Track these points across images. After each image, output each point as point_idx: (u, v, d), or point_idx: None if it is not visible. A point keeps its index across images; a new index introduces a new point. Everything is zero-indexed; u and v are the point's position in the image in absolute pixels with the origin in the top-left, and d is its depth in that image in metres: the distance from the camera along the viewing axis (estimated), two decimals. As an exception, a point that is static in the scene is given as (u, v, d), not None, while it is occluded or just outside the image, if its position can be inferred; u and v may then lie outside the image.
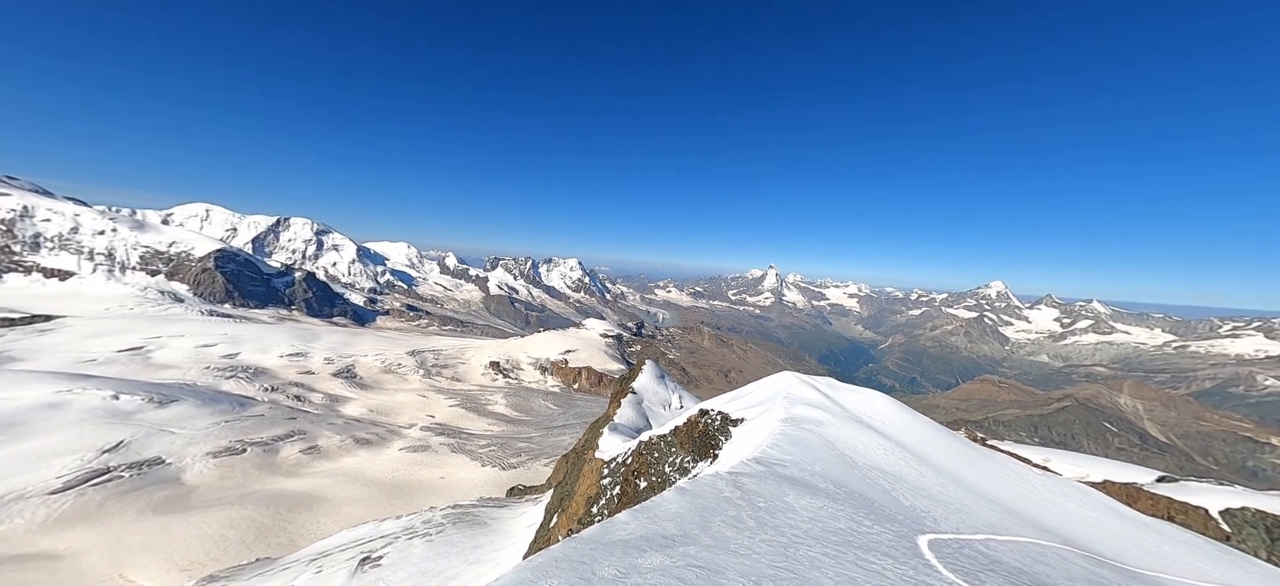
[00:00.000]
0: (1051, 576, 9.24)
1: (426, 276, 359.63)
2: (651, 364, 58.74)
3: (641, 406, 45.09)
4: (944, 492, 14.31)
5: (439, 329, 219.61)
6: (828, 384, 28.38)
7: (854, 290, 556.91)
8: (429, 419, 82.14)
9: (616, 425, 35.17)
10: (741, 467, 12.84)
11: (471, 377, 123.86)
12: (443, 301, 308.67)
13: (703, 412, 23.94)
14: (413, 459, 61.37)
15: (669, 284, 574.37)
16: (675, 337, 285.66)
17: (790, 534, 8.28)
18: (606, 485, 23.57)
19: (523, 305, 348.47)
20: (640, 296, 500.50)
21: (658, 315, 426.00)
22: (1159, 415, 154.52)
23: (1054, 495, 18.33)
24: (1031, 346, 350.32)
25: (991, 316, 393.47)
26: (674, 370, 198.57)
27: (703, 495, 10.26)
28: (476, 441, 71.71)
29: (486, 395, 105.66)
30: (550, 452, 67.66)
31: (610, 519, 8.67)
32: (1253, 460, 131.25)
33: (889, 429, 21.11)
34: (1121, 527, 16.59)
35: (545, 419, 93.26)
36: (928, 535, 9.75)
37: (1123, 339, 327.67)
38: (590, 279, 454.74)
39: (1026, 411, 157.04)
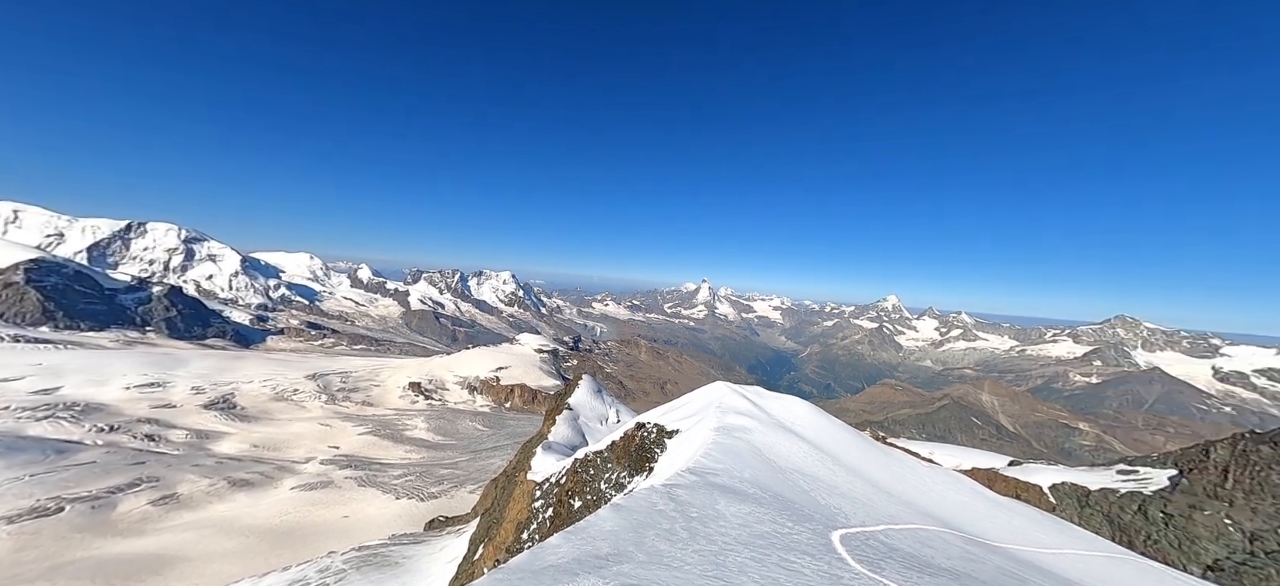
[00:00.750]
0: (934, 557, 10.56)
1: (333, 291, 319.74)
2: (588, 378, 57.76)
3: (578, 422, 43.95)
4: (853, 489, 15.81)
5: (349, 348, 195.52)
6: (755, 392, 30.16)
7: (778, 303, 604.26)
8: (332, 451, 72.03)
9: (551, 443, 33.82)
10: (676, 479, 13.01)
11: (387, 401, 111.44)
12: (354, 318, 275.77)
13: (639, 426, 23.98)
14: (309, 498, 53.17)
15: (606, 297, 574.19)
16: (613, 351, 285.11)
17: (721, 541, 8.52)
18: (539, 507, 22.42)
19: (450, 320, 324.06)
20: (577, 310, 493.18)
21: (595, 329, 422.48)
22: (1008, 409, 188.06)
23: (937, 484, 21.17)
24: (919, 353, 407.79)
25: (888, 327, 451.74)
26: (611, 384, 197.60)
27: (637, 510, 10.18)
28: (390, 472, 64.27)
29: (405, 420, 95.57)
30: (478, 478, 62.86)
31: (541, 544, 8.21)
32: (1068, 442, 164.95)
33: (808, 433, 22.94)
34: (985, 508, 19.65)
35: (473, 441, 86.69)
36: (840, 530, 10.65)
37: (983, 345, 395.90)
38: (524, 292, 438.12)
39: (916, 411, 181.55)
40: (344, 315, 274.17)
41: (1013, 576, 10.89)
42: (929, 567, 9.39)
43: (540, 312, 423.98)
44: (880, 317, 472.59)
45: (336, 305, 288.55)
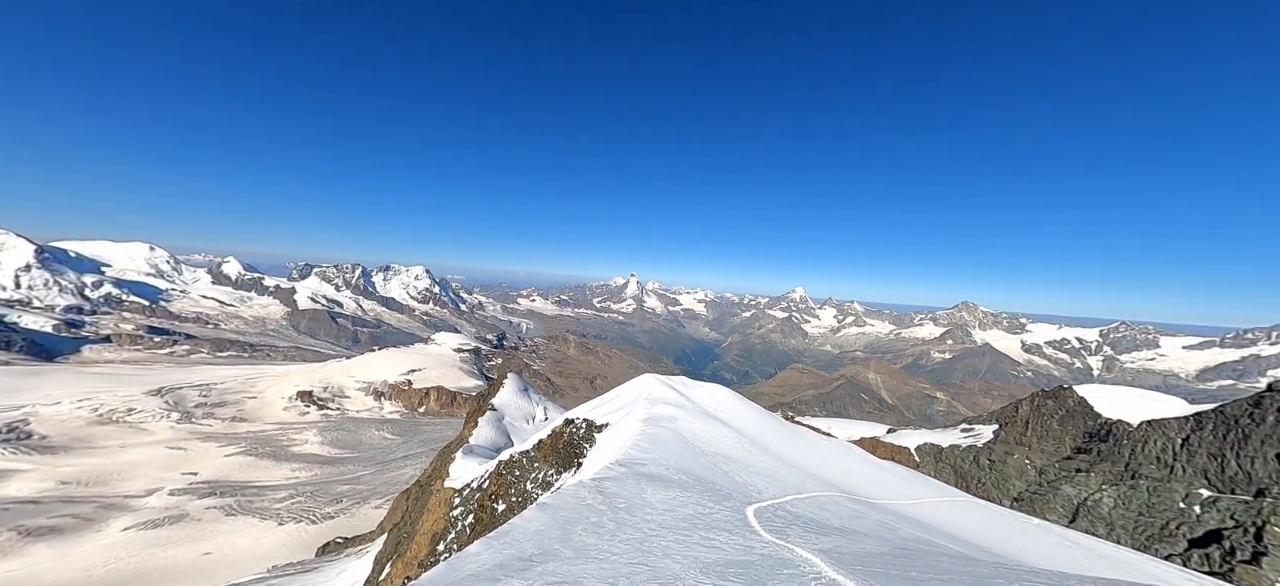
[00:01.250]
0: (829, 519, 12.12)
1: (186, 288, 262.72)
2: (514, 377, 55.40)
3: (503, 423, 41.96)
4: (766, 467, 17.44)
5: (212, 356, 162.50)
6: (682, 382, 31.59)
7: (702, 296, 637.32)
8: (188, 478, 59.49)
9: (472, 447, 31.85)
10: (604, 472, 13.14)
11: (267, 415, 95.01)
12: (218, 320, 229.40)
13: (568, 422, 23.68)
14: (152, 538, 43.47)
15: (532, 293, 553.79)
16: (540, 348, 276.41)
17: (647, 528, 8.82)
18: (458, 516, 21.02)
19: (350, 321, 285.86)
20: (501, 306, 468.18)
21: (521, 325, 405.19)
22: (888, 384, 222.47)
23: (832, 454, 24.27)
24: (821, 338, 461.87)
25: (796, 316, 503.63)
26: (539, 381, 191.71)
27: (565, 507, 10.09)
28: (272, 495, 55.12)
29: (290, 435, 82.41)
30: (386, 491, 56.81)
31: (459, 553, 7.73)
32: (929, 409, 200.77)
33: (729, 418, 24.71)
34: (869, 471, 23.05)
35: (379, 452, 77.96)
36: (753, 505, 11.69)
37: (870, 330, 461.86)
38: (441, 288, 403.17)
39: (818, 391, 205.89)
40: (203, 317, 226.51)
41: (886, 527, 12.94)
42: (824, 529, 10.74)
43: (459, 310, 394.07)
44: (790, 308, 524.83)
45: (192, 306, 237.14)
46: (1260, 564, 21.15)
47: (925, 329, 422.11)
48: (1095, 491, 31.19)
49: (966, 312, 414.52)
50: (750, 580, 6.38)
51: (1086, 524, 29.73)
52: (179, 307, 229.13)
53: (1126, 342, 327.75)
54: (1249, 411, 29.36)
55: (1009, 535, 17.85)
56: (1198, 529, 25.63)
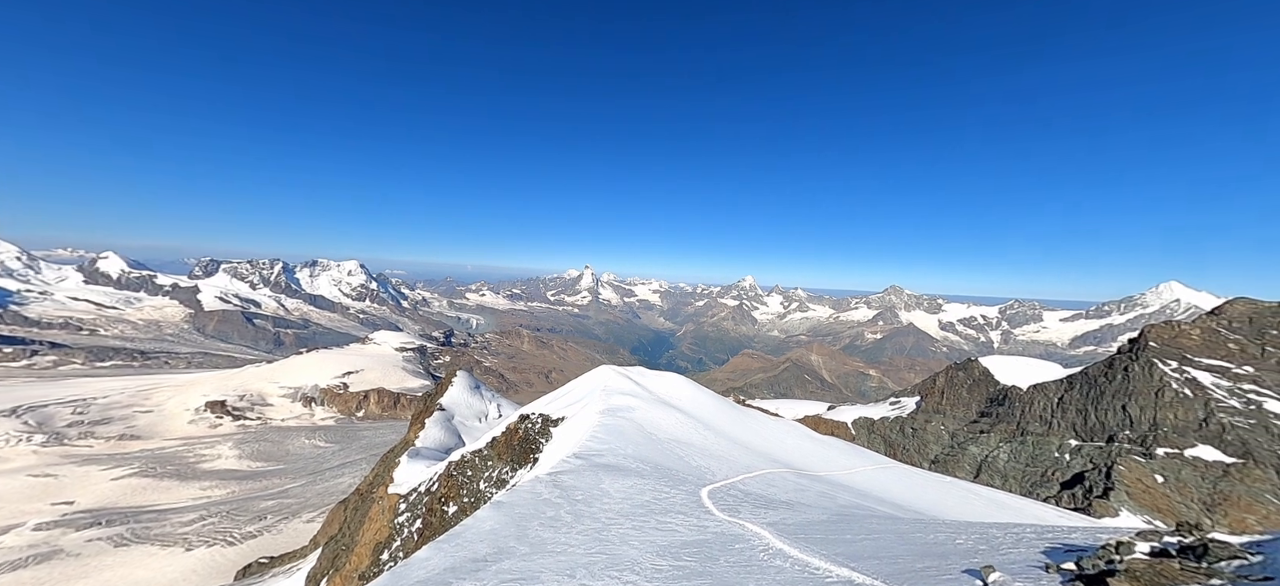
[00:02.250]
0: (776, 494, 12.94)
1: (48, 288, 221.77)
2: (464, 374, 52.96)
3: (452, 423, 40.05)
4: (719, 449, 18.19)
5: (88, 366, 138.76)
6: (639, 373, 31.93)
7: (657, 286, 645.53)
8: (60, 510, 50.76)
9: (419, 450, 30.13)
10: (561, 466, 13.01)
11: (168, 429, 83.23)
12: (95, 325, 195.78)
13: (523, 418, 23.10)
14: (12, 582, 36.79)
15: (482, 287, 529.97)
16: (492, 343, 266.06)
17: (604, 518, 8.88)
18: (403, 522, 19.87)
19: (270, 321, 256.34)
20: (448, 302, 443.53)
21: (471, 321, 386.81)
22: (828, 365, 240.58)
23: (779, 434, 25.84)
24: (769, 324, 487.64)
25: (747, 304, 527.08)
26: (491, 378, 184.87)
27: (520, 503, 9.88)
28: (176, 519, 48.65)
29: (197, 451, 72.93)
30: (319, 503, 52.29)
31: (405, 561, 7.33)
32: (863, 386, 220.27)
33: (684, 405, 25.40)
34: (812, 447, 24.85)
35: (310, 463, 71.38)
36: (708, 486, 12.17)
37: (813, 314, 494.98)
38: (379, 285, 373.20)
39: (767, 374, 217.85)
40: (74, 322, 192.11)
41: (827, 496, 14.06)
42: (773, 503, 11.44)
43: (401, 307, 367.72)
44: (740, 296, 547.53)
45: (56, 309, 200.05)
46: (1109, 497, 25.69)
47: (860, 312, 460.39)
48: (994, 449, 36.09)
49: (894, 296, 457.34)
50: (704, 558, 6.66)
51: (987, 477, 34.37)
52: (38, 312, 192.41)
53: (1019, 318, 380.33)
54: (1104, 372, 35.36)
55: (926, 493, 20.15)
56: (1067, 473, 30.57)
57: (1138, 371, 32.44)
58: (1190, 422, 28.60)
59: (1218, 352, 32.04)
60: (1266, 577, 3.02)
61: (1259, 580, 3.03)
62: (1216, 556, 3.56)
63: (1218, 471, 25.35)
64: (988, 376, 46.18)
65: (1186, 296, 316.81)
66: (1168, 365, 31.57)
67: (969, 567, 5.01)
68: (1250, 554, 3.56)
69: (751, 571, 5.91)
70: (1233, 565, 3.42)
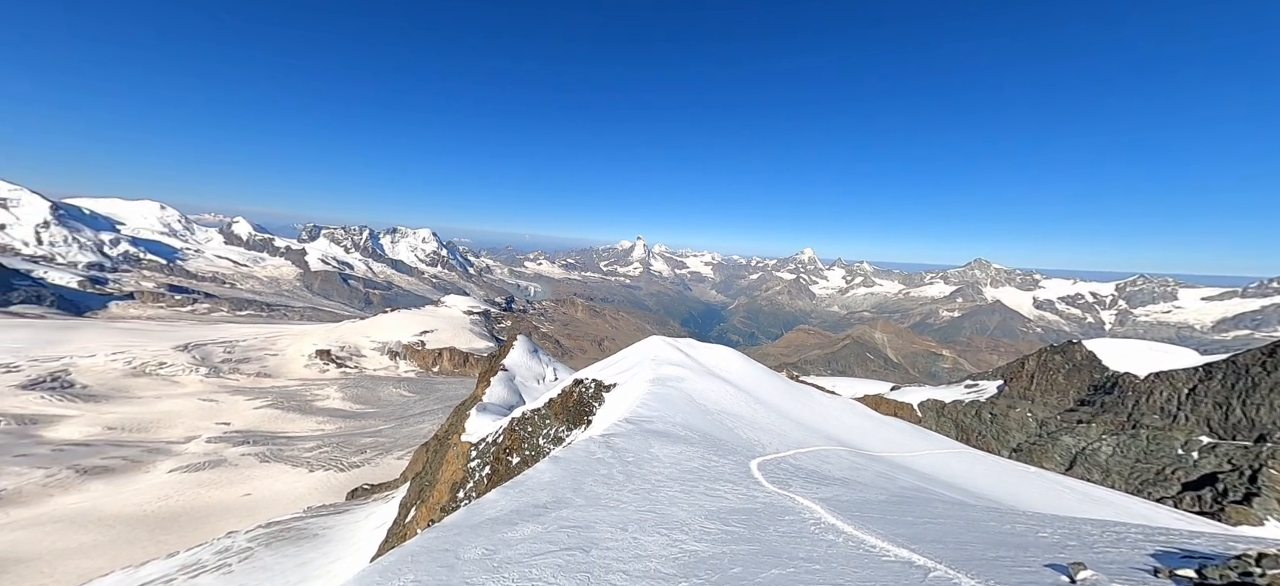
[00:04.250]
0: (830, 471, 12.57)
1: (201, 247, 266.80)
2: (523, 339, 56.58)
3: (514, 383, 43.37)
4: (770, 423, 17.94)
5: (231, 315, 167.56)
6: (688, 344, 32.03)
7: (709, 258, 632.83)
8: (222, 428, 63.22)
9: (485, 405, 33.15)
10: (613, 429, 13.64)
11: (289, 371, 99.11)
12: (234, 280, 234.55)
13: (577, 382, 24.36)
14: (195, 479, 46.94)
15: (539, 256, 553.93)
16: (548, 310, 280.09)
17: (654, 480, 9.26)
18: (475, 467, 22.25)
19: (361, 282, 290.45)
20: (509, 270, 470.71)
21: (529, 288, 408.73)
22: (894, 343, 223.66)
23: (835, 411, 24.83)
24: (829, 299, 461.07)
25: (805, 278, 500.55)
26: (548, 343, 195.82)
27: (576, 460, 10.59)
28: (300, 445, 58.60)
29: (312, 390, 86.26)
30: (405, 444, 60.02)
31: (478, 501, 8.25)
32: (934, 367, 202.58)
33: (734, 377, 25.19)
34: (871, 426, 23.63)
35: (398, 408, 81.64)
36: (757, 458, 12.14)
37: (879, 290, 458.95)
38: (449, 252, 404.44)
39: (824, 351, 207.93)
40: (219, 276, 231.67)
41: (885, 477, 13.41)
42: (826, 479, 11.16)
43: (467, 273, 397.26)
44: (797, 269, 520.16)
45: (207, 265, 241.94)
46: (1251, 503, 21.78)
47: (935, 287, 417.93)
48: (1095, 440, 31.83)
49: (979, 270, 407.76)
50: (752, 525, 6.74)
51: (1082, 471, 30.59)
52: (195, 267, 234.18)
53: (1142, 296, 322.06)
54: (1262, 360, 29.10)
55: (1002, 482, 18.46)
56: (1193, 473, 26.25)
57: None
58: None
59: None
60: None
61: None
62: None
63: None
64: (1093, 360, 40.21)
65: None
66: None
67: (1053, 562, 4.56)
68: None
69: (801, 542, 5.88)
70: None
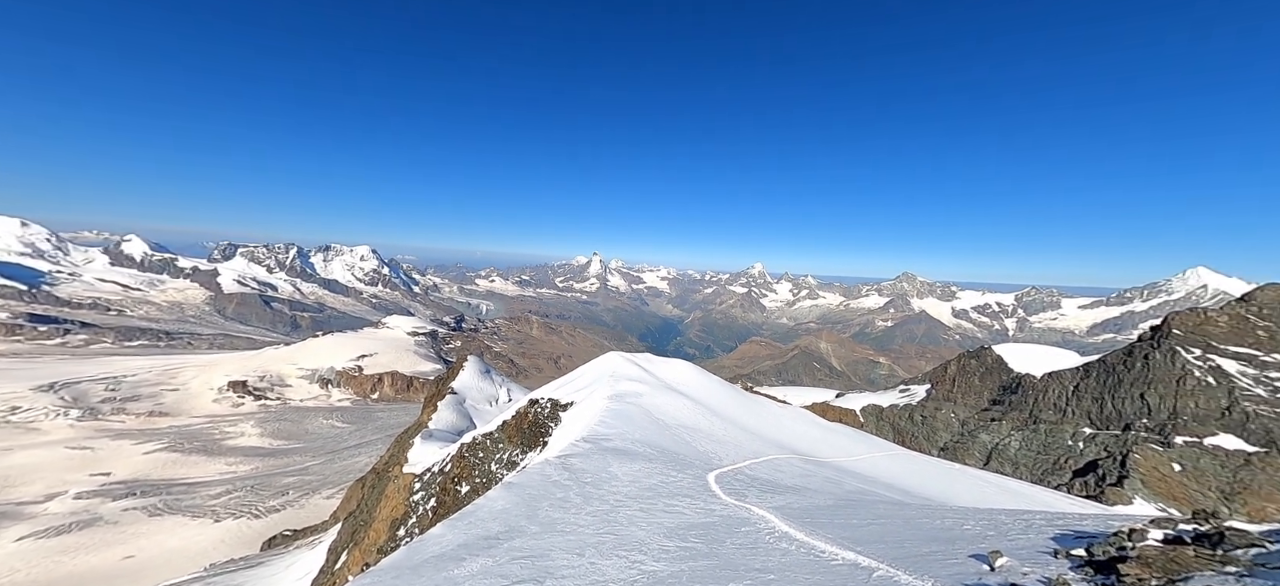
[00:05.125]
0: (783, 479, 13.03)
1: (77, 270, 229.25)
2: (475, 359, 53.87)
3: (464, 406, 40.93)
4: (726, 435, 18.32)
5: (117, 345, 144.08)
6: (646, 359, 32.10)
7: (665, 273, 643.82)
8: (99, 480, 53.45)
9: (432, 432, 30.92)
10: (570, 449, 13.25)
11: (193, 407, 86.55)
12: (123, 305, 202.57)
13: (533, 403, 23.49)
14: (57, 545, 39.17)
15: (491, 273, 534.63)
16: (501, 329, 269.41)
17: (613, 500, 9.06)
18: (418, 501, 20.54)
19: (287, 305, 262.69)
20: (458, 288, 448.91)
21: (480, 307, 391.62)
22: (837, 352, 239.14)
23: (786, 420, 25.91)
24: (778, 311, 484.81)
25: (755, 291, 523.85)
26: (501, 363, 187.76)
27: (531, 485, 10.12)
28: (204, 492, 50.96)
29: (222, 428, 75.82)
30: (337, 481, 54.25)
31: (421, 537, 7.60)
32: (873, 373, 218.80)
33: (691, 391, 25.55)
34: (819, 433, 24.89)
35: (328, 442, 73.83)
36: (714, 471, 12.31)
37: (823, 301, 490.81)
38: (391, 270, 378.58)
39: (775, 361, 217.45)
40: (102, 303, 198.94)
41: (832, 482, 14.12)
42: (779, 488, 11.53)
43: (412, 292, 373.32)
44: (749, 283, 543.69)
45: (85, 290, 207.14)
46: (1123, 485, 25.38)
47: (871, 299, 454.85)
48: (1005, 436, 35.74)
49: (907, 283, 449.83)
50: (710, 540, 6.78)
51: (997, 465, 34.13)
52: (68, 292, 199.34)
53: (1035, 305, 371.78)
54: (1122, 360, 34.57)
55: (934, 480, 20.12)
56: (1080, 461, 30.21)
57: (1159, 359, 31.67)
58: (1212, 411, 27.95)
59: (1245, 340, 31.07)
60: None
61: (1277, 568, 2.99)
62: (1233, 544, 3.51)
63: (1238, 460, 24.83)
64: (1001, 364, 45.50)
65: (1215, 282, 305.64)
66: (1191, 353, 30.75)
67: (976, 552, 5.02)
68: (1269, 542, 3.50)
69: (757, 553, 6.00)
70: (1250, 553, 3.37)
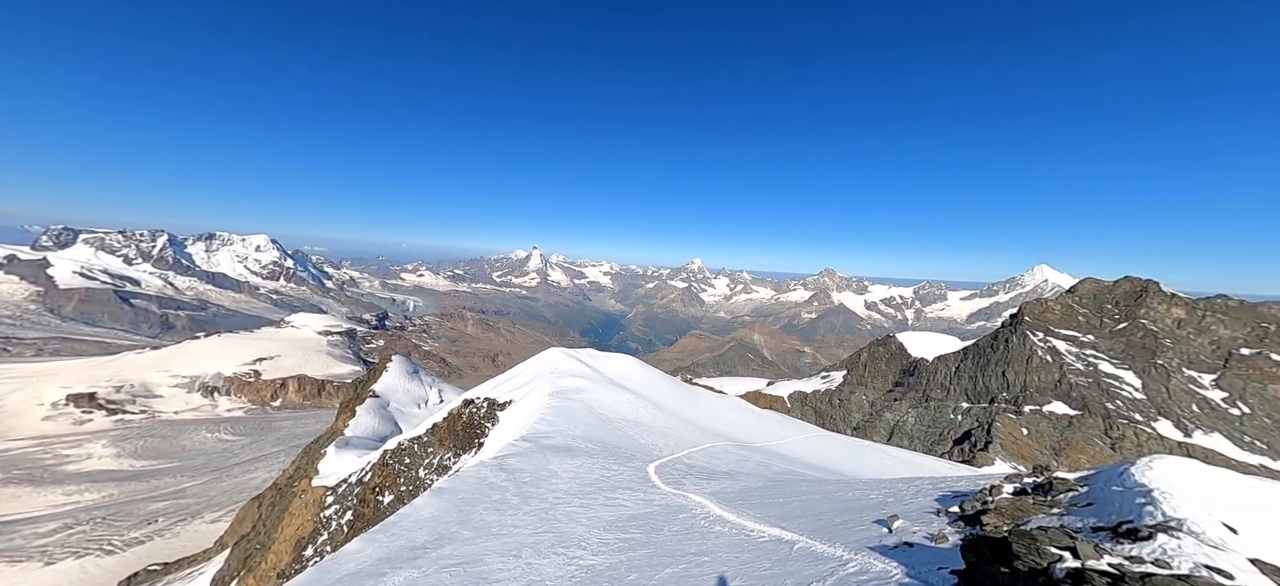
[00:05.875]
0: (718, 465, 13.74)
1: None
2: (401, 359, 49.54)
3: (387, 410, 37.48)
4: (667, 426, 18.85)
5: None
6: (589, 354, 31.86)
7: (608, 268, 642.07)
8: None
9: (348, 440, 27.93)
10: (508, 449, 12.76)
11: (14, 428, 69.31)
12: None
13: (468, 403, 22.21)
14: None
15: (420, 267, 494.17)
16: (432, 326, 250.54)
17: (552, 497, 8.90)
18: (331, 515, 18.49)
19: (154, 302, 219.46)
20: (381, 282, 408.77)
21: (408, 303, 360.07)
22: (769, 344, 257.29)
23: (723, 409, 27.33)
24: (716, 306, 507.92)
25: (695, 286, 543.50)
26: (431, 362, 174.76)
27: (464, 489, 9.59)
28: (29, 530, 41.24)
29: (59, 451, 61.70)
30: (224, 503, 46.98)
31: (334, 554, 6.86)
32: (799, 362, 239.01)
33: (633, 385, 25.86)
34: (752, 420, 26.61)
35: (214, 458, 63.45)
36: (655, 462, 12.61)
37: (756, 296, 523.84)
38: (297, 263, 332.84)
39: (713, 354, 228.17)
40: None
41: (763, 465, 15.20)
42: (715, 474, 12.14)
43: (324, 287, 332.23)
44: (689, 278, 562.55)
45: None
46: (988, 449, 30.47)
47: (797, 293, 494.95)
48: (904, 414, 41.03)
49: (827, 278, 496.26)
50: (649, 529, 6.95)
51: (898, 439, 39.12)
52: None
53: (929, 297, 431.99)
54: (990, 344, 41.38)
55: (848, 456, 22.54)
56: (959, 431, 35.68)
57: (1015, 342, 38.39)
58: (1048, 383, 34.55)
59: (1071, 324, 38.78)
60: (1088, 502, 3.80)
61: (1083, 506, 3.79)
62: (1057, 490, 4.39)
63: (1064, 422, 31.03)
64: (902, 350, 52.08)
65: (1053, 277, 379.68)
66: (1036, 336, 37.68)
67: (878, 518, 5.72)
68: (1080, 486, 4.43)
69: (693, 537, 6.27)
70: (1068, 496, 4.24)
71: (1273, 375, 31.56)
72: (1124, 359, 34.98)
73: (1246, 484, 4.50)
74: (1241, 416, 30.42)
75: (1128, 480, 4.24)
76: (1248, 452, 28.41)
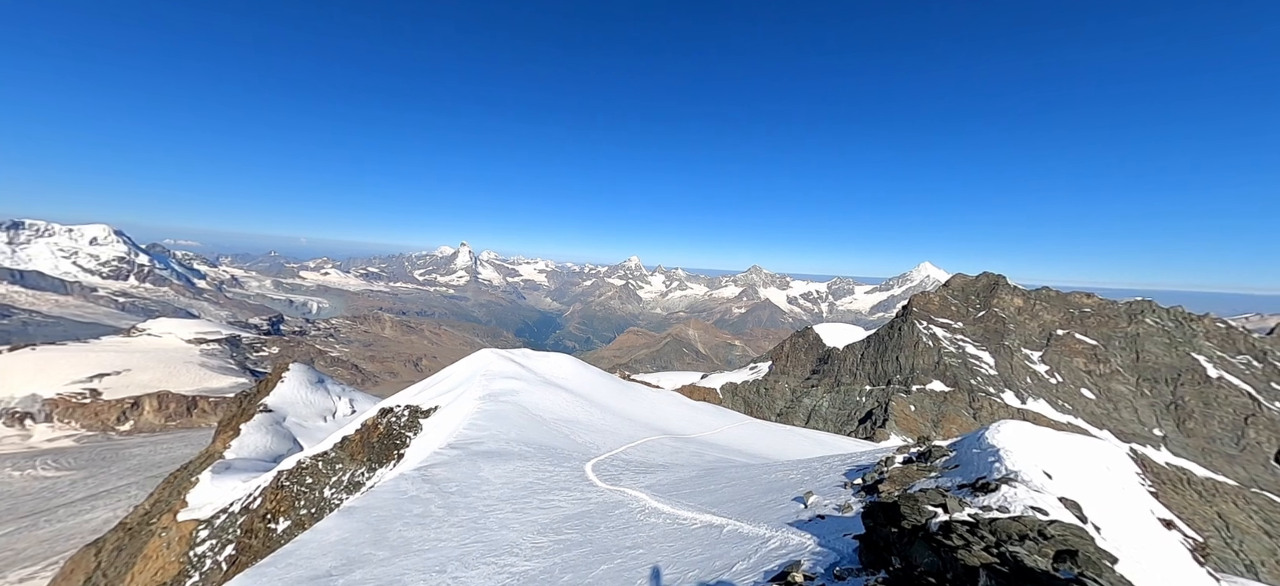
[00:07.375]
0: (655, 459, 14.08)
1: None
2: (301, 367, 43.41)
3: (283, 426, 32.62)
4: (605, 424, 18.85)
5: None
6: (523, 355, 30.66)
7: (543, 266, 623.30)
8: None
9: (230, 463, 23.85)
10: (432, 459, 11.82)
11: None
12: None
13: (385, 412, 20.16)
14: None
15: (325, 264, 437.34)
16: (341, 330, 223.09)
17: (482, 506, 8.44)
18: (206, 552, 15.66)
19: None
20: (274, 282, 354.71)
21: (310, 305, 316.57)
22: (703, 338, 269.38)
23: (660, 403, 28.03)
24: (653, 303, 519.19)
25: (632, 283, 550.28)
26: (341, 370, 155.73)
27: (379, 506, 8.70)
28: None
29: None
30: (44, 555, 37.79)
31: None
32: (731, 355, 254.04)
33: (570, 384, 25.44)
34: (687, 412, 27.65)
35: (26, 500, 50.51)
36: (592, 460, 12.55)
37: (690, 292, 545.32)
38: (153, 258, 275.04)
39: (650, 350, 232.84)
40: None
41: (697, 455, 15.87)
42: (651, 467, 12.40)
43: (194, 287, 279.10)
44: (626, 276, 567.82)
45: None
46: (886, 426, 35.05)
47: (728, 289, 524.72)
48: (819, 399, 45.51)
49: (755, 275, 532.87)
50: (585, 528, 6.90)
51: (815, 423, 43.31)
52: None
53: (840, 292, 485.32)
54: (887, 333, 47.58)
55: (772, 441, 24.44)
56: (863, 412, 40.56)
57: (905, 330, 44.56)
58: (929, 365, 40.67)
59: (946, 313, 46.02)
60: (956, 465, 4.55)
61: (953, 468, 4.52)
62: (935, 457, 5.19)
63: (941, 398, 36.77)
64: (818, 341, 57.74)
65: (934, 273, 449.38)
66: (921, 325, 44.09)
67: (796, 495, 6.28)
68: (950, 452, 5.28)
69: (629, 531, 6.35)
70: (942, 461, 5.02)
71: (1078, 350, 40.43)
72: (983, 341, 42.41)
73: (1059, 439, 5.75)
74: (1057, 384, 38.55)
75: (982, 443, 5.18)
76: (1061, 413, 36.08)
